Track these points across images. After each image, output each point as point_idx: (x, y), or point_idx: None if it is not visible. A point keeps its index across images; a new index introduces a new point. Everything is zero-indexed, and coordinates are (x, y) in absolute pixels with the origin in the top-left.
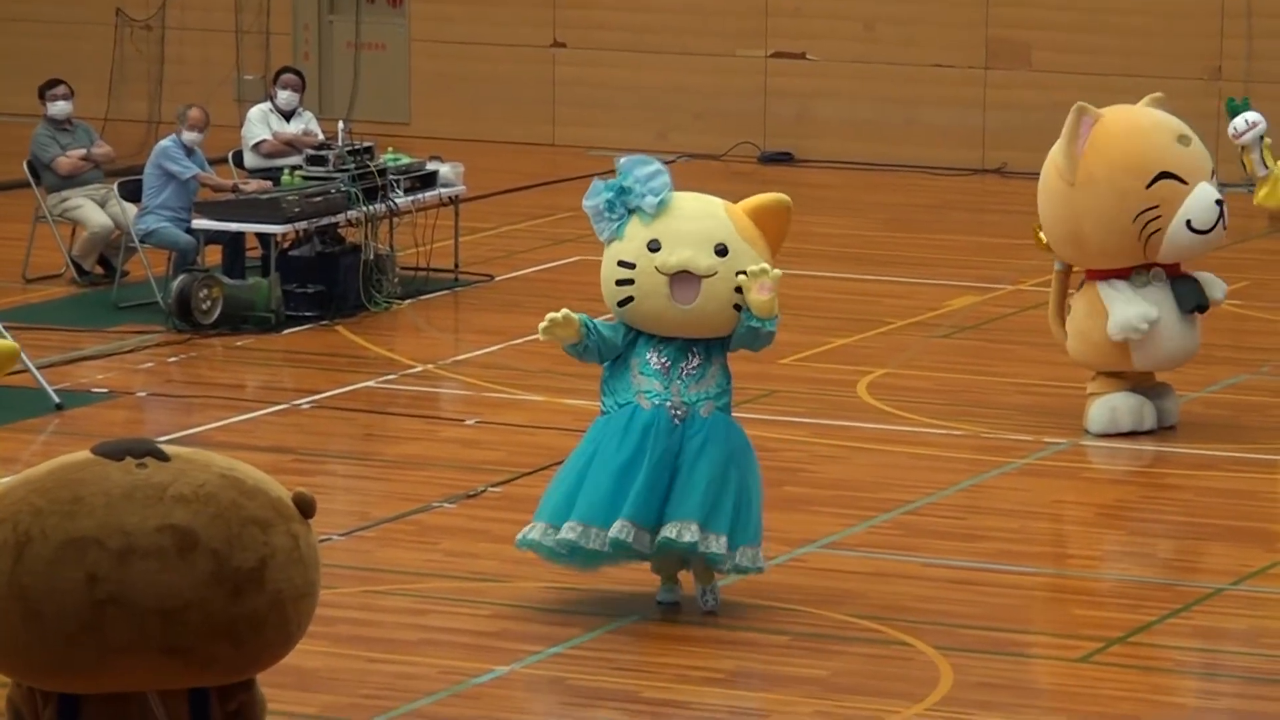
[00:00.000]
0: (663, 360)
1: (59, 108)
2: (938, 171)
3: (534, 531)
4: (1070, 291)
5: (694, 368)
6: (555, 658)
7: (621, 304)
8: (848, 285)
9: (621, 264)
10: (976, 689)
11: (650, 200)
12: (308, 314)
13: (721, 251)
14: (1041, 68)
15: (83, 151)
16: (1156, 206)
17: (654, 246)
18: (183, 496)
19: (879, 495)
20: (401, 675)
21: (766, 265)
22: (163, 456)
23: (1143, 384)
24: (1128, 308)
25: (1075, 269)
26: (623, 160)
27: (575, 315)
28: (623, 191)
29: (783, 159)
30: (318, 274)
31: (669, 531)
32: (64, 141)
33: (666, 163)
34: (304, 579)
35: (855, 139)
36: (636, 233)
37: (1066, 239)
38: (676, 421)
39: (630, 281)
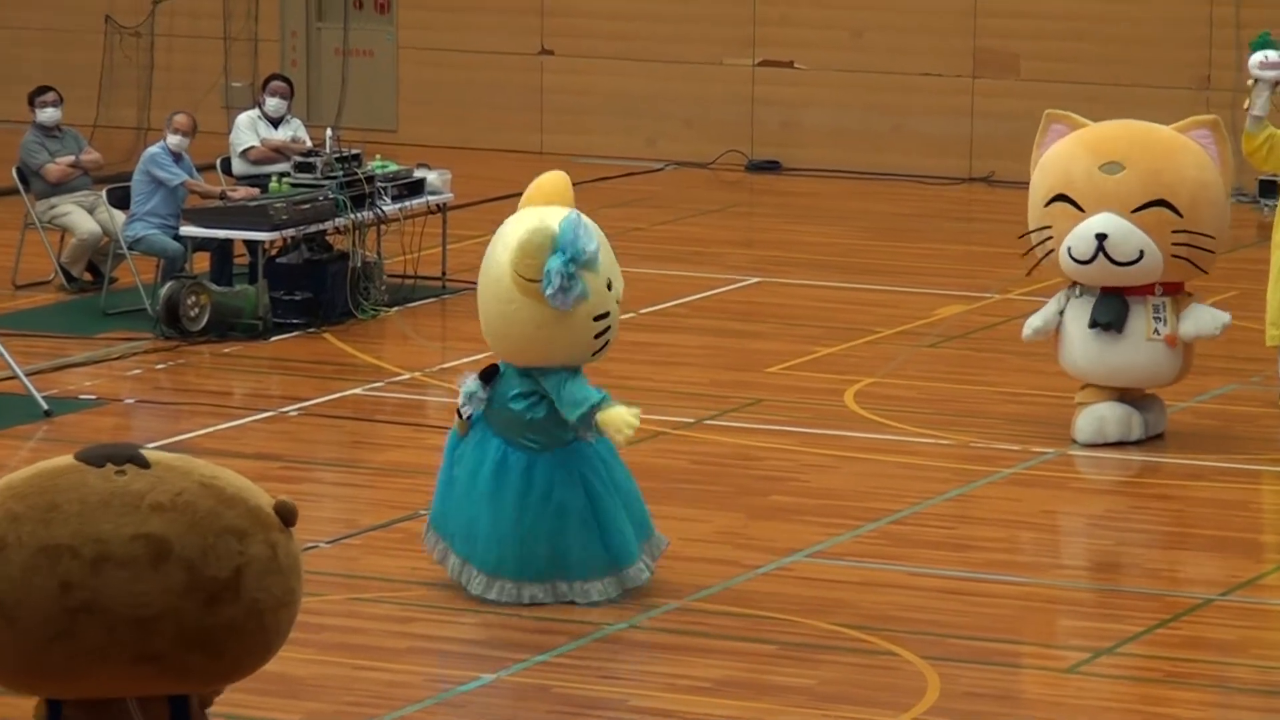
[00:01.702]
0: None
1: (48, 114)
2: (925, 180)
3: (606, 589)
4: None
5: None
6: (542, 666)
7: (599, 351)
8: (835, 294)
9: (598, 318)
10: (964, 699)
11: (592, 250)
12: (295, 321)
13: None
14: (1030, 77)
15: (71, 158)
16: (1049, 226)
17: (610, 286)
18: (159, 505)
19: (866, 504)
20: (388, 683)
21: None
22: (143, 463)
23: (1131, 395)
24: (1035, 315)
25: None
26: (559, 230)
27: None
28: (573, 259)
29: (770, 167)
30: (305, 281)
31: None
32: (53, 148)
33: (654, 171)
34: (282, 588)
35: (843, 147)
36: (596, 284)
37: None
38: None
39: (608, 328)
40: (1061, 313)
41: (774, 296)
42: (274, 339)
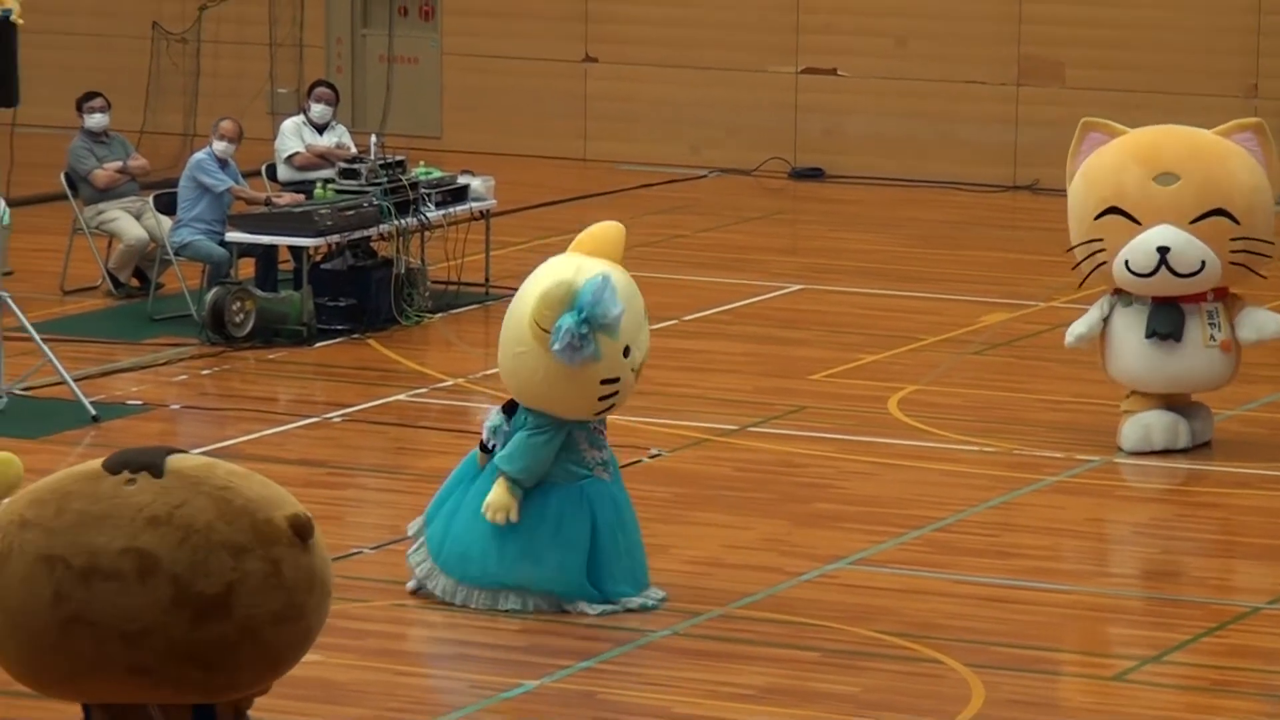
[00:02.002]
0: (601, 429)
1: (96, 120)
2: (969, 188)
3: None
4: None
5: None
6: (585, 672)
7: (604, 410)
8: (878, 301)
9: (605, 382)
10: (1008, 706)
11: (616, 315)
12: (339, 327)
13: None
14: (1074, 85)
15: (119, 164)
16: (1100, 240)
17: (627, 352)
18: (155, 518)
19: (910, 511)
20: (430, 689)
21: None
22: (157, 472)
23: (1177, 402)
24: (1078, 321)
25: None
26: (580, 289)
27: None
28: (588, 321)
29: (813, 175)
30: (349, 287)
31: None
32: (100, 154)
33: (698, 178)
34: (284, 603)
35: (886, 155)
36: (610, 348)
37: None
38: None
39: (615, 393)
40: (1105, 320)
41: (817, 304)
42: (318, 345)
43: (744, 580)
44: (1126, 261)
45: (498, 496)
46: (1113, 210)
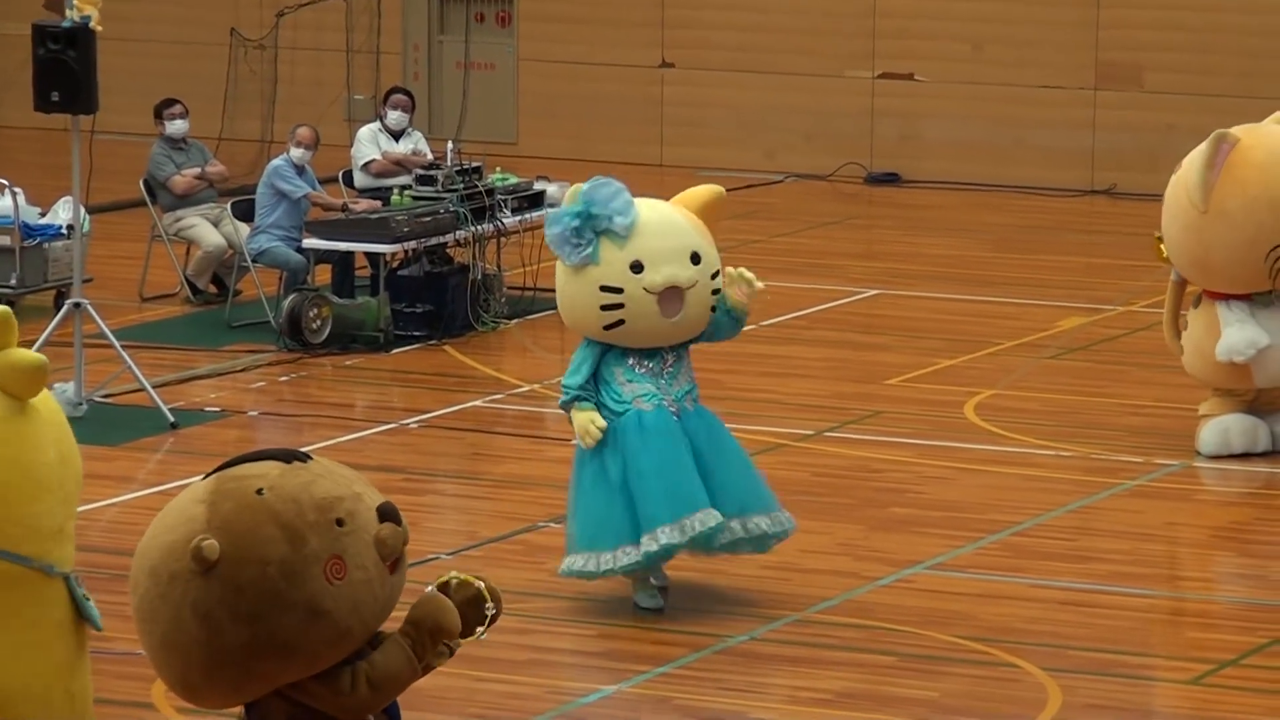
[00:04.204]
0: (646, 364)
1: (175, 126)
2: (1046, 193)
3: (620, 559)
4: (1187, 307)
5: (670, 366)
6: (662, 677)
7: (610, 326)
8: (955, 306)
9: (605, 289)
10: (1085, 711)
11: (621, 221)
12: (416, 333)
13: (695, 259)
14: (1152, 89)
15: (197, 170)
16: None
17: (637, 268)
18: (153, 522)
19: (987, 516)
20: (508, 694)
21: (751, 276)
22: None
23: (1261, 405)
24: (1239, 332)
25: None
26: (584, 186)
27: (597, 418)
28: (589, 217)
29: (890, 180)
30: (426, 294)
31: (754, 526)
32: (179, 160)
33: (773, 183)
34: (164, 626)
35: (963, 160)
36: (614, 256)
37: (1192, 263)
38: (675, 417)
39: (619, 305)
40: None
41: (894, 309)
42: (395, 351)
43: (821, 585)
44: None
45: (578, 421)
46: None
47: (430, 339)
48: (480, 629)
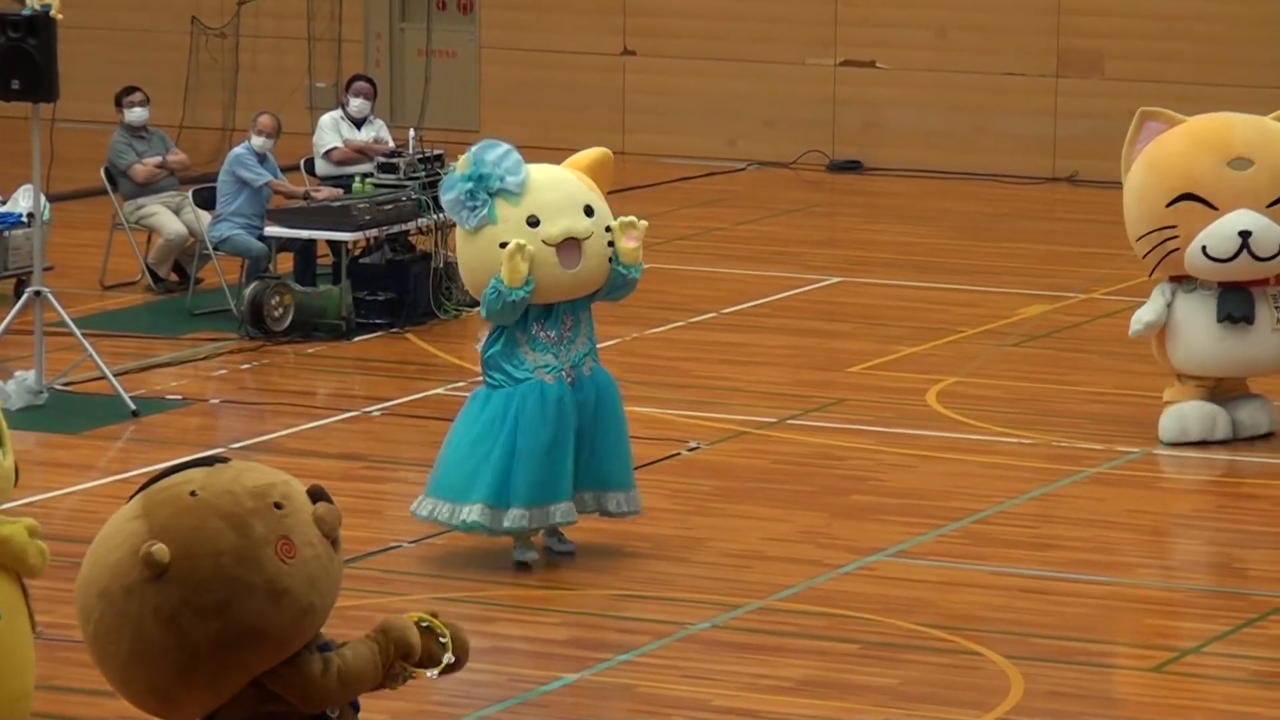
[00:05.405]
0: (547, 332)
1: (135, 115)
2: (1009, 180)
3: (472, 513)
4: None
5: (569, 330)
6: (624, 665)
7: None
8: (917, 294)
9: (505, 245)
10: (1047, 698)
11: (513, 180)
12: (378, 321)
13: (589, 212)
14: (1114, 76)
15: (158, 159)
16: (1174, 227)
17: (533, 222)
18: (88, 553)
19: (949, 504)
20: (470, 683)
21: (633, 218)
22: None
23: (1222, 393)
24: (1142, 309)
25: None
26: (471, 149)
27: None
28: (481, 179)
29: (852, 167)
30: (388, 281)
31: (610, 505)
32: (140, 149)
33: (736, 170)
34: (128, 642)
35: (925, 147)
36: (510, 213)
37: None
38: (570, 386)
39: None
40: (1168, 306)
41: (856, 296)
42: (357, 339)
43: (783, 573)
44: (1204, 247)
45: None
46: (1187, 197)
47: (392, 327)
48: (432, 671)
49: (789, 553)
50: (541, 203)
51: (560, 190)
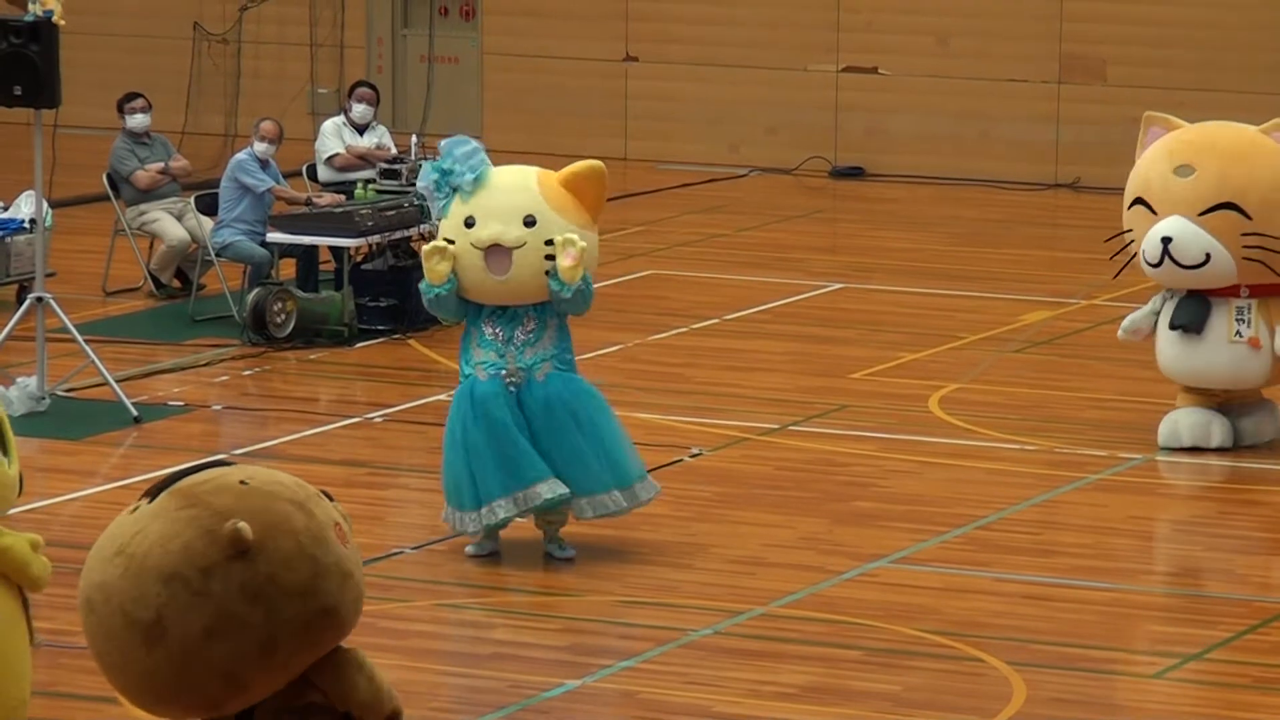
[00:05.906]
0: (496, 330)
1: (137, 121)
2: (1011, 186)
3: (477, 519)
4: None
5: (529, 333)
6: (626, 672)
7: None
8: (920, 300)
9: (446, 240)
10: (1050, 705)
11: (467, 178)
12: (380, 327)
13: (530, 223)
14: (1116, 82)
15: (161, 165)
16: (1131, 230)
17: (469, 223)
18: (120, 550)
19: (951, 510)
20: (472, 689)
21: (573, 236)
22: (153, 496)
23: (1231, 402)
24: (1133, 313)
25: None
26: (444, 142)
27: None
28: (445, 173)
29: (854, 173)
30: (390, 288)
31: (544, 491)
32: (142, 155)
33: (738, 177)
34: (213, 615)
35: (927, 153)
36: (456, 210)
37: None
38: (513, 389)
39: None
40: (1156, 314)
41: (858, 302)
42: (359, 345)
43: (785, 579)
44: (1143, 252)
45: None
46: (1138, 201)
47: (394, 333)
48: None
49: (791, 559)
50: (484, 205)
51: (506, 196)
